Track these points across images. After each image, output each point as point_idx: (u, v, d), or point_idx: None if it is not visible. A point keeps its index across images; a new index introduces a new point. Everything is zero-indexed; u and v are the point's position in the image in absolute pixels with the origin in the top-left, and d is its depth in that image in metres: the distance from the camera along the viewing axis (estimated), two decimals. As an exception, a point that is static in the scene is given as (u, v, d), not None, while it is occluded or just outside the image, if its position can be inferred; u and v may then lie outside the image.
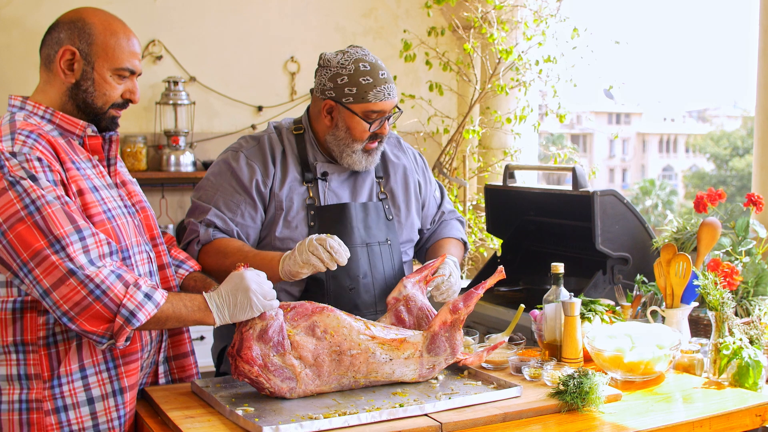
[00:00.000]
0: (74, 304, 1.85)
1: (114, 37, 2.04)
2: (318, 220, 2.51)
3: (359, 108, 2.45)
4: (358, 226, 2.54)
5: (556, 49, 4.68)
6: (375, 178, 2.66)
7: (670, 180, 38.63)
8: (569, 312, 2.36)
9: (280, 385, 2.04)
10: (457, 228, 2.84)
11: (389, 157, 2.71)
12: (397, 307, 2.32)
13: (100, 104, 2.06)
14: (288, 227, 2.50)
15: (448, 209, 2.87)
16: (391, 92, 2.47)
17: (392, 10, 5.38)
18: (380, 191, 2.65)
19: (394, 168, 2.70)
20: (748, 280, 2.69)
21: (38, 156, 1.90)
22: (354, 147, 2.51)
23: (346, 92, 2.45)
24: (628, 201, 3.16)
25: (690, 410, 2.11)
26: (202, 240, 2.46)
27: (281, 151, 2.56)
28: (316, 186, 2.55)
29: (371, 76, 2.44)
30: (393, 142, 2.77)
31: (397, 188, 2.68)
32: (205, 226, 2.47)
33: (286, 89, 5.15)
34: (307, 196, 2.53)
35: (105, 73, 2.04)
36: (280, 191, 2.51)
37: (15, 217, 1.85)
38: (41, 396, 1.96)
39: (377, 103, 2.45)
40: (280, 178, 2.52)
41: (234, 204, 2.49)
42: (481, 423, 1.96)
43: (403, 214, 2.67)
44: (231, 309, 2.01)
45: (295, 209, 2.51)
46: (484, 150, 5.17)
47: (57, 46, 2.02)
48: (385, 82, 2.46)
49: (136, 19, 4.71)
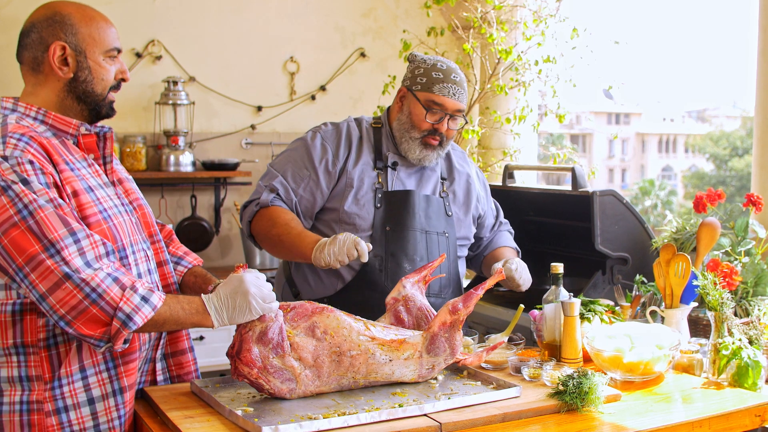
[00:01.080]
0: (71, 308, 1.84)
1: (94, 22, 2.05)
2: (384, 202, 2.71)
3: (423, 96, 2.67)
4: (420, 213, 2.72)
5: (556, 50, 4.68)
6: (440, 178, 2.84)
7: (670, 180, 38.62)
8: (569, 312, 2.36)
9: (280, 386, 2.04)
10: (509, 238, 3.02)
11: (455, 164, 2.91)
12: (396, 307, 2.32)
13: (100, 90, 2.06)
14: (357, 204, 2.69)
15: (501, 220, 3.05)
16: (458, 95, 2.67)
17: (392, 10, 5.38)
18: (443, 190, 2.83)
19: (459, 174, 2.90)
20: (747, 280, 2.69)
21: (30, 159, 1.89)
22: (412, 133, 2.71)
23: (417, 81, 2.69)
24: (628, 201, 3.16)
25: (689, 410, 2.11)
26: (261, 202, 2.67)
27: (358, 137, 2.79)
28: (385, 173, 2.75)
29: (443, 74, 2.66)
30: (459, 154, 2.97)
31: (459, 191, 2.87)
32: (268, 191, 2.69)
33: (286, 89, 5.15)
34: (376, 180, 2.73)
35: (98, 59, 2.04)
36: (353, 170, 2.72)
37: (8, 223, 1.84)
38: (42, 397, 1.95)
39: (440, 96, 2.65)
40: (354, 159, 2.74)
41: (300, 177, 2.70)
42: (480, 423, 1.96)
43: (462, 214, 2.85)
44: (229, 312, 2.00)
45: (365, 189, 2.71)
46: (483, 150, 5.17)
47: (43, 47, 2.01)
48: (455, 83, 2.66)
49: (136, 19, 4.72)
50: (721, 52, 64.50)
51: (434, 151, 2.73)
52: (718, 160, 34.82)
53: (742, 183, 30.86)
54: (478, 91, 4.83)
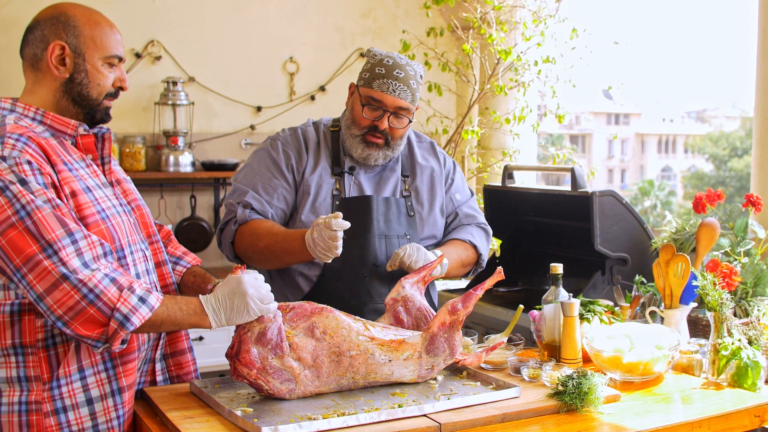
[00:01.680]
0: (68, 309, 1.84)
1: (98, 27, 2.04)
2: (341, 209, 2.63)
3: (363, 92, 2.61)
4: (378, 218, 2.65)
5: (555, 50, 4.68)
6: (401, 177, 2.76)
7: (669, 180, 38.63)
8: (568, 312, 2.36)
9: (279, 386, 2.04)
10: (469, 232, 2.83)
11: (417, 159, 2.81)
12: (395, 308, 2.32)
13: (95, 95, 2.05)
14: (314, 212, 2.63)
15: (465, 213, 2.88)
16: (398, 91, 2.58)
17: (391, 11, 5.39)
18: (404, 189, 2.75)
19: (422, 169, 2.80)
20: (746, 280, 2.69)
21: (28, 159, 1.89)
22: (353, 130, 2.65)
23: (362, 77, 2.64)
24: (627, 201, 3.16)
25: (689, 411, 2.11)
26: (239, 220, 2.60)
27: (315, 142, 2.72)
28: (343, 179, 2.69)
29: (387, 70, 2.58)
30: (425, 146, 2.87)
31: (422, 187, 2.78)
32: (242, 207, 2.61)
33: (285, 89, 5.15)
34: (334, 187, 2.66)
35: (96, 63, 2.04)
36: (310, 177, 2.66)
37: (6, 223, 1.84)
38: (41, 398, 1.95)
39: (378, 92, 2.57)
40: (312, 165, 2.68)
41: (271, 188, 2.64)
42: (479, 423, 1.96)
43: (426, 211, 2.76)
44: (227, 313, 2.00)
45: (322, 196, 2.65)
46: (483, 150, 5.17)
47: (43, 44, 2.01)
48: (396, 80, 2.57)
49: (135, 20, 4.72)
50: (721, 53, 64.53)
51: (379, 150, 2.64)
52: (717, 161, 34.82)
53: (742, 183, 30.87)
54: (477, 92, 4.83)
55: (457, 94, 5.34)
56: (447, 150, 4.92)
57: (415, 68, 2.63)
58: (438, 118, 5.10)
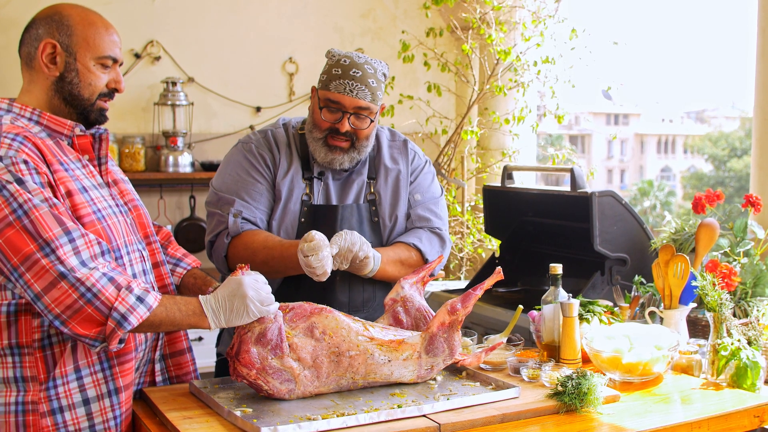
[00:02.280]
0: (66, 308, 1.84)
1: (93, 27, 2.04)
2: (308, 217, 2.58)
3: (321, 94, 2.55)
4: (343, 227, 2.57)
5: (555, 50, 4.68)
6: (366, 179, 2.68)
7: (669, 181, 38.65)
8: (567, 313, 2.36)
9: (279, 387, 2.04)
10: (417, 236, 2.67)
11: (384, 160, 2.71)
12: (394, 308, 2.32)
13: (87, 95, 2.05)
14: (284, 217, 2.58)
15: (419, 215, 2.72)
16: (356, 91, 2.49)
17: (390, 11, 5.38)
18: (370, 192, 2.68)
19: (386, 171, 2.70)
20: (746, 281, 2.69)
21: (24, 158, 1.89)
22: (314, 134, 2.58)
23: (320, 79, 2.57)
24: (627, 202, 3.16)
25: (688, 411, 2.11)
26: (231, 232, 2.53)
27: (286, 144, 2.65)
28: (312, 184, 2.62)
29: (343, 70, 2.50)
30: (398, 145, 2.76)
31: (386, 190, 2.68)
32: (233, 217, 2.54)
33: (285, 90, 5.15)
34: (304, 192, 2.60)
35: (88, 63, 2.03)
36: (282, 180, 2.59)
37: (3, 222, 1.84)
38: (37, 398, 1.95)
39: (335, 93, 2.50)
40: (285, 169, 2.61)
41: (256, 192, 2.58)
42: (479, 424, 1.96)
43: (388, 216, 2.67)
44: (227, 315, 2.00)
45: (293, 201, 2.59)
46: (482, 151, 5.17)
47: (36, 42, 2.02)
48: (353, 79, 2.49)
49: (135, 20, 4.72)
50: (720, 53, 64.55)
51: (344, 153, 2.56)
52: (716, 161, 34.84)
53: (741, 184, 30.88)
54: (477, 92, 4.83)
55: (456, 94, 5.34)
56: (446, 150, 4.92)
57: (375, 66, 2.54)
58: (437, 118, 5.10)
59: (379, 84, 2.54)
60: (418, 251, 2.64)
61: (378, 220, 2.65)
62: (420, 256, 2.64)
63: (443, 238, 2.73)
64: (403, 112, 5.00)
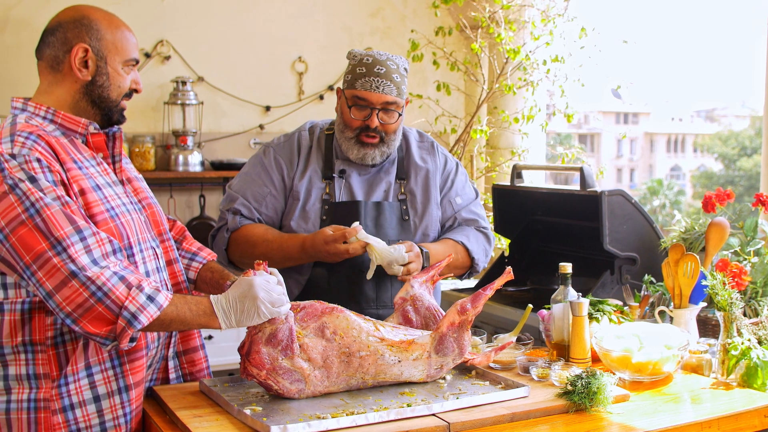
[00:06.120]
0: (77, 306, 1.85)
1: (119, 31, 2.08)
2: (330, 215, 2.62)
3: (349, 93, 2.61)
4: (368, 224, 2.61)
5: (564, 49, 4.67)
6: (396, 179, 2.72)
7: (678, 180, 38.53)
8: (577, 312, 2.36)
9: (289, 387, 2.04)
10: (464, 233, 2.75)
11: (414, 160, 2.77)
12: (404, 307, 2.32)
13: (115, 97, 2.09)
14: (304, 218, 2.64)
15: (464, 217, 2.80)
16: (382, 87, 2.56)
17: (399, 10, 5.39)
18: (400, 192, 2.72)
19: (417, 170, 2.75)
20: (756, 280, 2.68)
21: (37, 157, 1.91)
22: (346, 133, 2.64)
23: (345, 79, 2.64)
24: (636, 201, 3.16)
25: (698, 411, 2.11)
26: (230, 227, 2.64)
27: (308, 146, 2.72)
28: (333, 183, 2.67)
29: (367, 68, 2.57)
30: (426, 146, 2.82)
31: (417, 189, 2.73)
32: (232, 214, 2.66)
33: (294, 89, 5.16)
34: (324, 191, 2.65)
35: (117, 66, 2.07)
36: (300, 182, 2.66)
37: (16, 221, 1.86)
38: (49, 395, 1.96)
39: (362, 91, 2.57)
40: (302, 171, 2.68)
41: (261, 196, 2.67)
42: (488, 423, 1.96)
43: (420, 215, 2.70)
44: (237, 315, 2.00)
45: (312, 201, 2.65)
46: (491, 150, 5.16)
47: (66, 47, 2.03)
48: (378, 76, 2.56)
49: (144, 20, 4.73)
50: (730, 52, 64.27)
51: (375, 148, 2.63)
52: (726, 160, 34.71)
53: (751, 183, 30.76)
54: (486, 91, 4.83)
55: (465, 93, 5.34)
56: (455, 149, 4.92)
57: (397, 62, 2.62)
58: (447, 117, 5.10)
59: (402, 78, 2.61)
60: (465, 249, 2.71)
61: (408, 219, 2.70)
62: (466, 254, 2.72)
63: (488, 236, 2.83)
64: (412, 111, 5.01)
